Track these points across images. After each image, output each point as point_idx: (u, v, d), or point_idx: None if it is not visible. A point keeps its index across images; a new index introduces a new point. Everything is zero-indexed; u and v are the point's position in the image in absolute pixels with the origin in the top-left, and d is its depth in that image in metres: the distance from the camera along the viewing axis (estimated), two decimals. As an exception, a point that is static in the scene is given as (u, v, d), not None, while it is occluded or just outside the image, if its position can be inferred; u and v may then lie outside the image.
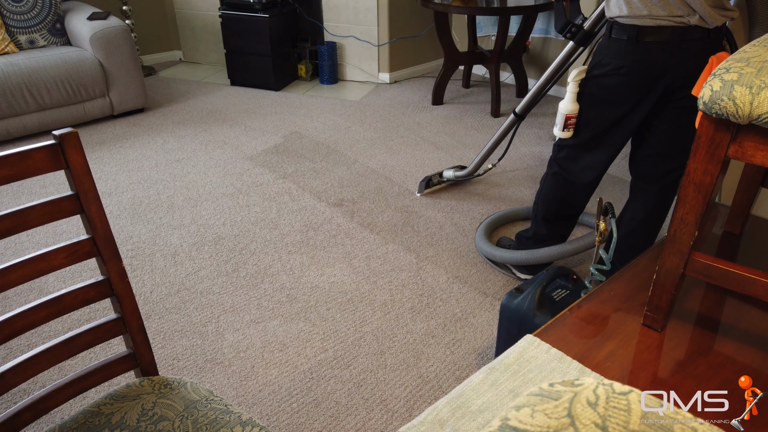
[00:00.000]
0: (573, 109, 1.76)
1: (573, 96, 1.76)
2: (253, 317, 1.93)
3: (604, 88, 1.70)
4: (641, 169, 1.86)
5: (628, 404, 0.45)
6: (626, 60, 1.61)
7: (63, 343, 0.93)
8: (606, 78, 1.68)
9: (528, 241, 2.12)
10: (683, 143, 1.73)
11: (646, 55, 1.58)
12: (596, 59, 1.70)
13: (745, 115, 0.85)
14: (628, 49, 1.60)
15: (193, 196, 2.71)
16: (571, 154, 1.86)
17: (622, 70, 1.63)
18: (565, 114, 1.76)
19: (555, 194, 1.96)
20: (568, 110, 1.76)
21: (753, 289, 0.97)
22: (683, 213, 1.00)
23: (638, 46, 1.58)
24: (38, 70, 3.20)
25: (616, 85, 1.66)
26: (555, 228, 2.04)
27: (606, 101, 1.71)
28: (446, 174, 2.73)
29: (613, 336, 1.13)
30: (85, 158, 0.86)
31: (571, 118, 1.77)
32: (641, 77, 1.62)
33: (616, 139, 1.77)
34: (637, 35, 1.56)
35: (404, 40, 4.24)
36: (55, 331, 1.84)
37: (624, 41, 1.60)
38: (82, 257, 0.91)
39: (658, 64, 1.59)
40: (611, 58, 1.65)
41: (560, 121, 1.79)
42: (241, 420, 0.92)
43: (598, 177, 1.87)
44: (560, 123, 1.79)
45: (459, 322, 1.91)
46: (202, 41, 4.70)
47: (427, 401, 1.61)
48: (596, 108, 1.74)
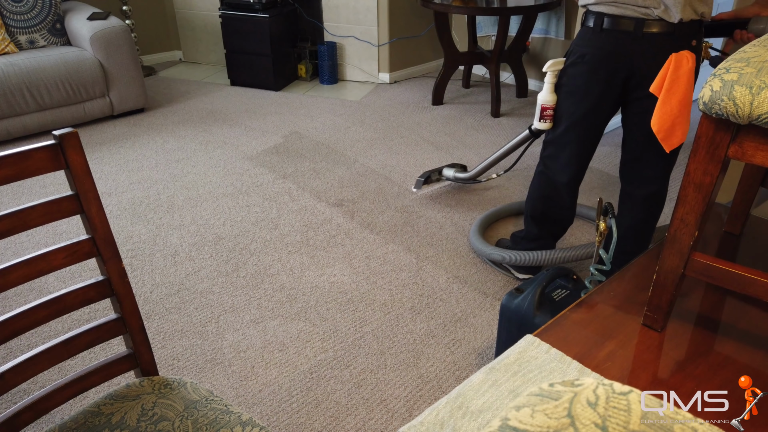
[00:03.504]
0: (549, 99, 1.77)
1: (550, 87, 1.77)
2: (253, 317, 1.93)
3: (570, 78, 1.72)
4: (624, 172, 1.87)
5: (628, 404, 0.45)
6: (589, 47, 1.64)
7: (63, 343, 0.93)
8: (572, 67, 1.71)
9: (522, 241, 2.12)
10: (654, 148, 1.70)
11: (607, 43, 1.61)
12: (571, 48, 1.73)
13: (745, 115, 0.85)
14: (593, 37, 1.63)
15: (193, 196, 2.71)
16: (553, 152, 1.87)
17: (585, 57, 1.66)
18: (541, 104, 1.79)
19: (540, 193, 1.96)
20: (545, 101, 1.78)
21: (753, 289, 0.97)
22: (683, 213, 1.00)
23: (601, 35, 1.60)
24: (38, 70, 3.20)
25: (579, 74, 1.69)
26: (544, 227, 2.04)
27: (572, 91, 1.73)
28: (446, 173, 2.70)
29: (613, 336, 1.13)
30: (85, 158, 0.86)
31: (546, 108, 1.79)
32: (600, 65, 1.64)
33: (587, 133, 1.77)
34: (602, 23, 1.59)
35: (404, 40, 4.24)
36: (55, 331, 1.84)
37: (590, 29, 1.63)
38: (82, 257, 0.91)
39: (618, 54, 1.60)
40: (578, 46, 1.68)
41: (538, 111, 1.81)
42: (241, 420, 0.92)
43: (575, 176, 1.87)
44: (537, 113, 1.82)
45: (459, 322, 1.91)
46: (202, 41, 4.70)
47: (427, 401, 1.61)
48: (566, 99, 1.76)
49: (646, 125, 1.64)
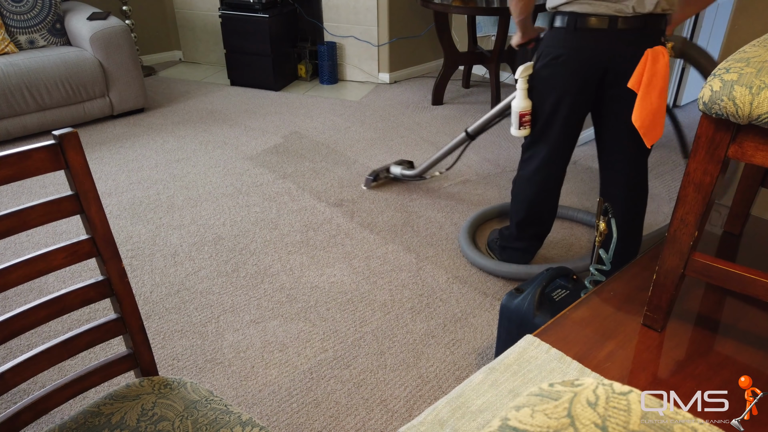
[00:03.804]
0: (525, 106, 1.76)
1: (524, 93, 1.76)
2: (253, 317, 1.93)
3: (545, 79, 1.71)
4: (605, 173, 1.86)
5: (628, 404, 0.45)
6: (564, 48, 1.63)
7: (63, 343, 0.93)
8: (546, 68, 1.70)
9: (508, 239, 2.15)
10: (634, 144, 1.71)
11: (584, 42, 1.60)
12: (539, 51, 1.72)
13: (745, 115, 0.85)
14: (567, 37, 1.62)
15: (193, 196, 2.71)
16: (533, 155, 1.87)
17: (560, 58, 1.65)
18: (518, 112, 1.76)
19: (523, 197, 1.97)
20: (521, 108, 1.76)
21: (753, 289, 0.97)
22: (683, 213, 1.00)
23: (576, 34, 1.60)
24: (38, 70, 3.20)
25: (555, 75, 1.68)
26: (529, 229, 2.06)
27: (549, 93, 1.72)
28: (393, 170, 2.80)
29: (613, 336, 1.13)
30: (85, 158, 0.86)
31: (525, 115, 1.77)
32: (578, 65, 1.64)
33: (565, 134, 1.77)
34: (576, 23, 1.58)
35: (404, 40, 4.24)
36: (55, 331, 1.84)
37: (563, 29, 1.62)
38: (82, 257, 0.91)
39: (595, 52, 1.60)
40: (551, 48, 1.67)
41: (515, 120, 1.79)
42: (241, 420, 0.92)
43: (557, 176, 1.87)
44: (515, 122, 1.79)
45: (459, 322, 1.91)
46: (202, 41, 4.70)
47: (427, 401, 1.61)
48: (543, 101, 1.75)
49: (626, 121, 1.64)
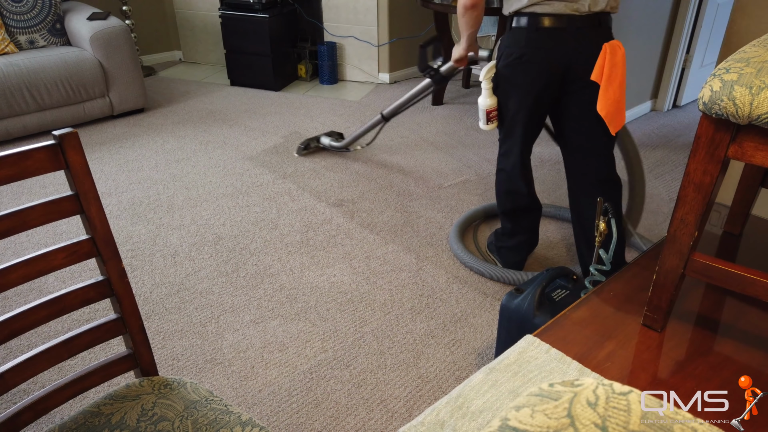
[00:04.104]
0: (491, 103, 1.87)
1: (488, 92, 1.86)
2: (253, 317, 1.93)
3: (509, 78, 1.79)
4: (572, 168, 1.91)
5: (628, 404, 0.45)
6: (527, 48, 1.71)
7: (63, 343, 0.93)
8: (510, 67, 1.77)
9: (503, 237, 2.18)
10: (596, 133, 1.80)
11: (545, 42, 1.68)
12: (500, 52, 1.79)
13: (744, 116, 0.85)
14: (529, 36, 1.69)
15: (193, 196, 2.71)
16: (506, 149, 1.96)
17: (524, 57, 1.72)
18: (485, 110, 1.87)
19: (503, 188, 2.04)
20: (487, 105, 1.87)
21: (753, 289, 0.97)
22: (683, 213, 1.00)
23: (537, 34, 1.68)
24: (38, 70, 3.20)
25: (520, 73, 1.75)
26: (517, 221, 2.11)
27: (514, 91, 1.80)
28: (323, 140, 3.12)
29: (613, 336, 1.13)
30: (85, 158, 0.86)
31: (491, 111, 1.88)
32: (542, 63, 1.71)
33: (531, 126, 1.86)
34: (536, 23, 1.66)
35: (404, 40, 4.24)
36: (55, 331, 1.84)
37: (524, 29, 1.70)
38: (82, 257, 0.91)
39: (556, 50, 1.68)
40: (513, 48, 1.74)
41: (482, 116, 1.89)
42: (240, 420, 0.92)
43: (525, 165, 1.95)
44: (483, 118, 1.90)
45: (459, 322, 1.91)
46: (202, 41, 4.70)
47: (427, 401, 1.61)
48: (509, 99, 1.83)
49: (590, 112, 1.73)
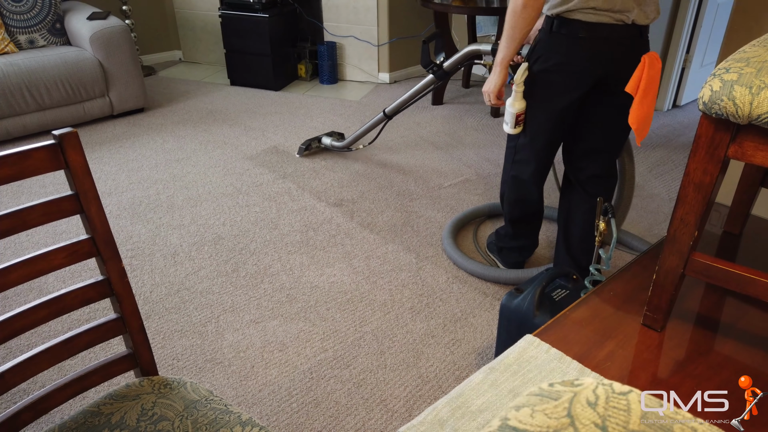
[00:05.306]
0: (521, 107, 1.81)
1: (519, 95, 1.79)
2: (253, 317, 1.93)
3: (544, 85, 1.74)
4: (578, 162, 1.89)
5: (627, 404, 0.45)
6: (567, 56, 1.66)
7: (63, 343, 0.93)
8: (547, 74, 1.72)
9: (505, 238, 2.18)
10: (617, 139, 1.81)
11: (587, 51, 1.64)
12: (537, 54, 1.72)
13: (744, 115, 0.85)
14: (570, 44, 1.65)
15: (193, 196, 2.71)
16: (525, 156, 1.90)
17: (562, 65, 1.68)
18: (515, 113, 1.80)
19: (516, 196, 2.01)
20: (517, 109, 1.80)
21: (753, 289, 0.97)
22: (683, 213, 1.00)
23: (578, 42, 1.63)
24: (38, 70, 3.20)
25: (558, 81, 1.71)
26: (524, 226, 2.10)
27: (547, 96, 1.75)
28: (324, 141, 3.13)
29: (613, 336, 1.13)
30: (85, 158, 0.86)
31: (521, 115, 1.82)
32: (581, 73, 1.68)
33: (557, 135, 1.83)
34: (579, 31, 1.61)
35: (404, 40, 4.24)
36: (55, 331, 1.84)
37: (565, 36, 1.64)
38: (82, 257, 0.91)
39: (597, 60, 1.65)
40: (552, 54, 1.68)
41: (510, 119, 1.82)
42: (240, 420, 0.92)
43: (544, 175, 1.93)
44: (511, 121, 1.83)
45: (459, 322, 1.91)
46: (202, 41, 4.70)
47: (427, 401, 1.61)
48: (539, 105, 1.78)
49: (615, 121, 1.74)
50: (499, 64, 1.74)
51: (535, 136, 1.84)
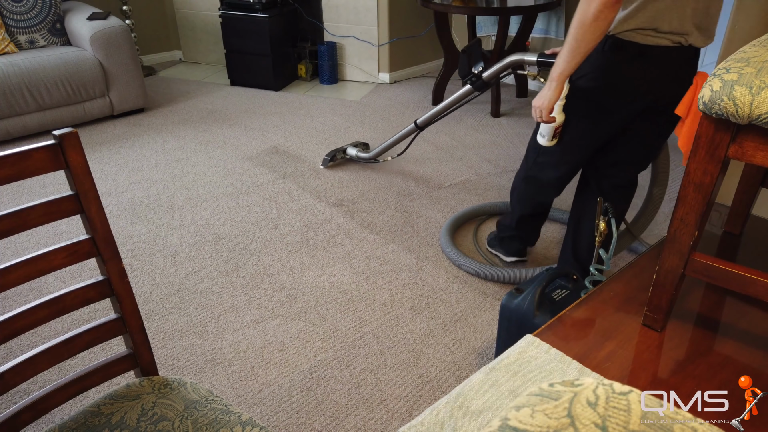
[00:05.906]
0: (561, 120, 1.74)
1: (560, 108, 1.72)
2: (253, 317, 1.93)
3: (591, 103, 1.67)
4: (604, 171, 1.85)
5: (628, 404, 0.45)
6: (619, 77, 1.58)
7: (63, 343, 0.93)
8: (595, 93, 1.65)
9: (507, 229, 2.18)
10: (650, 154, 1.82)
11: (640, 72, 1.56)
12: (585, 70, 1.64)
13: (745, 115, 0.85)
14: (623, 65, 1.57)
15: (193, 196, 2.71)
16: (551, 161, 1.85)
17: (613, 86, 1.60)
18: (555, 126, 1.74)
19: (527, 196, 2.00)
20: (558, 122, 1.73)
21: (753, 289, 0.97)
22: (683, 213, 1.00)
23: (633, 63, 1.55)
24: (38, 70, 3.20)
25: (606, 103, 1.64)
26: (531, 223, 2.12)
27: (591, 114, 1.69)
28: (349, 151, 3.02)
29: (613, 336, 1.13)
30: (85, 158, 0.86)
31: (559, 127, 1.76)
32: (633, 95, 1.61)
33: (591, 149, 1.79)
34: (635, 53, 1.53)
35: (404, 40, 4.24)
36: (55, 331, 1.84)
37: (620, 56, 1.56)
38: (82, 257, 0.91)
39: (649, 82, 1.57)
40: (603, 73, 1.61)
41: (548, 132, 1.76)
42: (241, 420, 0.92)
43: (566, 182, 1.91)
44: (548, 134, 1.76)
45: (459, 322, 1.91)
46: (202, 41, 4.70)
47: (427, 401, 1.61)
48: (581, 121, 1.72)
49: (658, 138, 1.76)
50: (556, 79, 1.58)
51: (569, 148, 1.78)
